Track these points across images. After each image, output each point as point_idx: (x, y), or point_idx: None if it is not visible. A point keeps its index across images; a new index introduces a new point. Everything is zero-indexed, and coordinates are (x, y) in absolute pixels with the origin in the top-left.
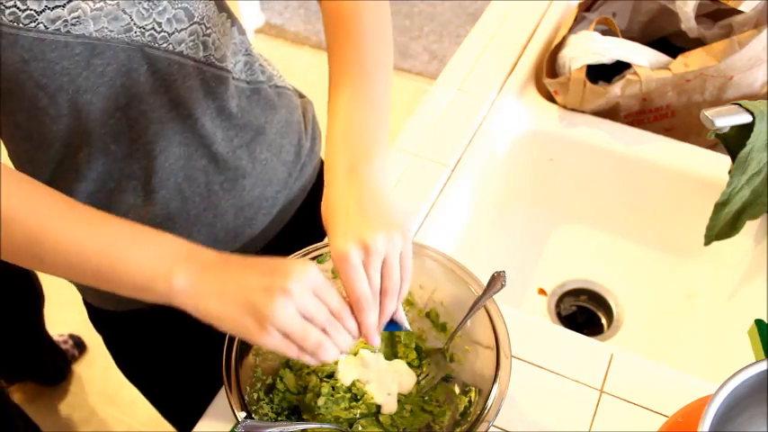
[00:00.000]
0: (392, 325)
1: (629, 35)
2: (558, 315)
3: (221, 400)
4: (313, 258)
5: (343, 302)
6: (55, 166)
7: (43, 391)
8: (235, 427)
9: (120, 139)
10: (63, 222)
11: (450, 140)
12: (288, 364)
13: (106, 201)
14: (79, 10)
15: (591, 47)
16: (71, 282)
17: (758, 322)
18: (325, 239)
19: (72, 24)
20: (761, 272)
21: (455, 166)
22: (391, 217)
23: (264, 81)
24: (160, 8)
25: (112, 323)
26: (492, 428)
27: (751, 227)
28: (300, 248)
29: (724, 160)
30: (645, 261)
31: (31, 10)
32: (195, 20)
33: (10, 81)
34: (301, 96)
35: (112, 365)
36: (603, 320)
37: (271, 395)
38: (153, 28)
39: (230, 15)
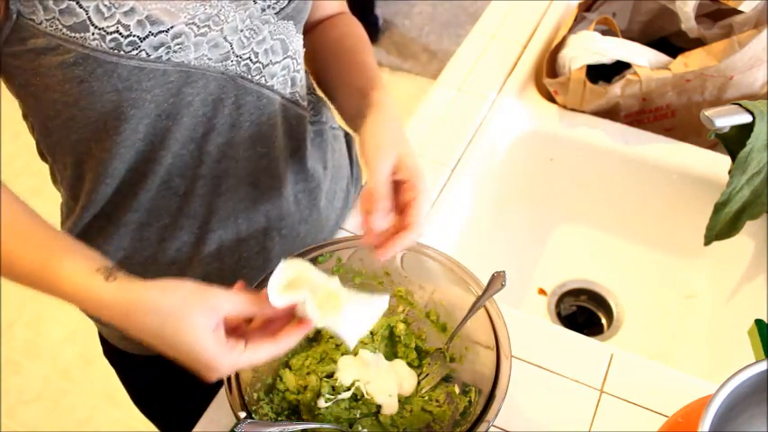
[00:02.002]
0: None
1: (629, 35)
2: (558, 315)
3: (221, 400)
4: (313, 259)
5: (254, 356)
6: (113, 194)
7: (43, 391)
8: (235, 427)
9: (185, 174)
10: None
11: (450, 140)
12: (288, 364)
13: (157, 235)
14: (182, 36)
15: (591, 47)
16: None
17: (758, 322)
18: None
19: (174, 51)
20: (761, 272)
21: (455, 166)
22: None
23: (326, 122)
24: (260, 37)
25: (128, 363)
26: (492, 428)
27: (751, 227)
28: None
29: (724, 160)
30: (645, 261)
31: (134, 36)
32: (289, 53)
33: (93, 111)
34: (346, 133)
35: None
36: (603, 320)
37: (271, 395)
38: (249, 58)
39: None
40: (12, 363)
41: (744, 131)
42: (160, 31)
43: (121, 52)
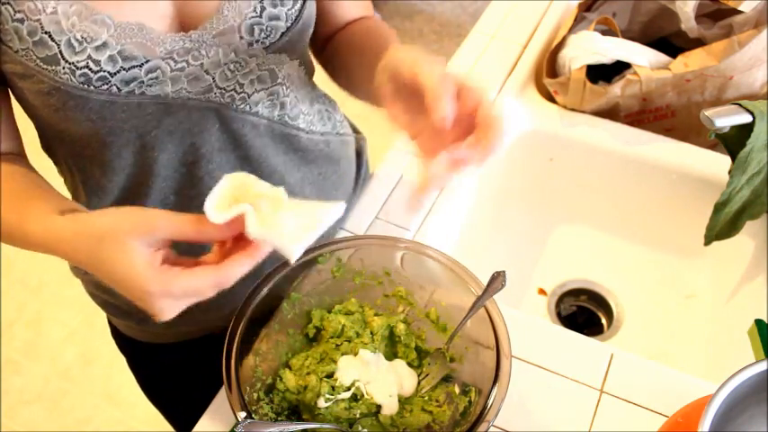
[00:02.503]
0: None
1: (629, 35)
2: (558, 315)
3: (221, 400)
4: (313, 259)
5: (196, 281)
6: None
7: (43, 391)
8: (235, 427)
9: (180, 193)
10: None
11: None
12: (288, 364)
13: None
14: (158, 70)
15: (591, 47)
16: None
17: (758, 322)
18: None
19: (148, 85)
20: (761, 272)
21: None
22: None
23: (333, 131)
24: (246, 70)
25: (137, 351)
26: (492, 428)
27: (751, 227)
28: None
29: (724, 160)
30: (645, 261)
31: (104, 72)
32: (278, 81)
33: (74, 136)
34: (357, 132)
35: (112, 365)
36: (603, 320)
37: (271, 395)
38: (233, 89)
39: (309, 65)
40: (12, 363)
41: (744, 131)
42: (132, 66)
43: (91, 87)
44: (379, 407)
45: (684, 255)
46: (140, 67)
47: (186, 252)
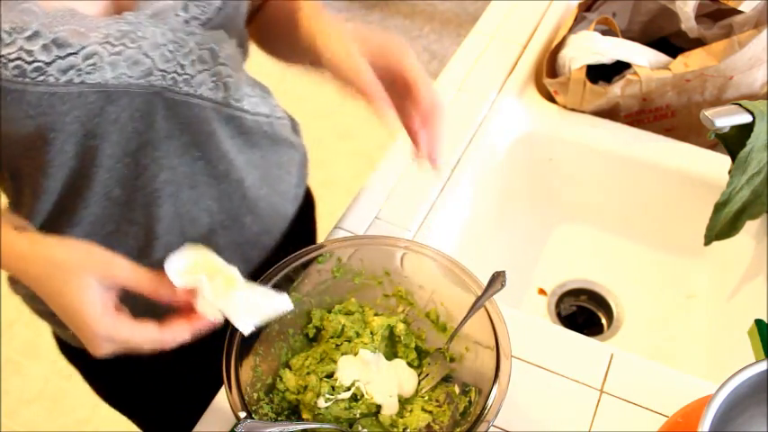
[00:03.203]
0: None
1: (629, 35)
2: (558, 315)
3: (221, 400)
4: (312, 259)
5: (141, 332)
6: (52, 209)
7: (43, 391)
8: (235, 427)
9: (125, 185)
10: None
11: (451, 140)
12: (288, 364)
13: (103, 243)
14: (95, 56)
15: (591, 47)
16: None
17: (758, 322)
18: (320, 242)
19: (86, 73)
20: (761, 272)
21: (455, 166)
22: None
23: (273, 114)
24: (185, 50)
25: (86, 359)
26: (492, 428)
27: (751, 227)
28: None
29: (724, 160)
30: (645, 261)
31: (39, 62)
32: (220, 60)
33: (13, 134)
34: (291, 118)
35: None
36: (603, 320)
37: (271, 395)
38: (175, 71)
39: (246, 48)
40: (12, 363)
41: (744, 131)
42: (69, 54)
43: (27, 79)
44: (379, 407)
45: (684, 255)
46: (76, 54)
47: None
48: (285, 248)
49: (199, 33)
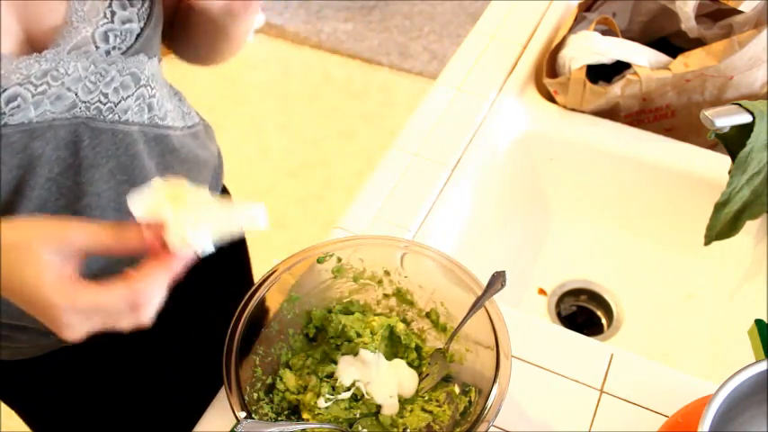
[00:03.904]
0: None
1: (629, 35)
2: (558, 315)
3: (221, 400)
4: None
5: (111, 295)
6: None
7: None
8: (235, 427)
9: (49, 208)
10: None
11: (451, 140)
12: (288, 364)
13: None
14: (18, 98)
15: (591, 47)
16: None
17: (758, 322)
18: (318, 243)
19: (10, 115)
20: (761, 272)
21: (455, 166)
22: None
23: (191, 123)
24: (107, 79)
25: (7, 375)
26: (492, 428)
27: (751, 227)
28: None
29: (724, 160)
30: (645, 261)
31: None
32: (141, 83)
33: None
34: (204, 122)
35: None
36: (603, 320)
37: (271, 395)
38: (99, 100)
39: (160, 58)
40: None
41: (744, 131)
42: None
43: None
44: (379, 407)
45: (684, 254)
46: None
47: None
48: (217, 266)
49: (120, 61)
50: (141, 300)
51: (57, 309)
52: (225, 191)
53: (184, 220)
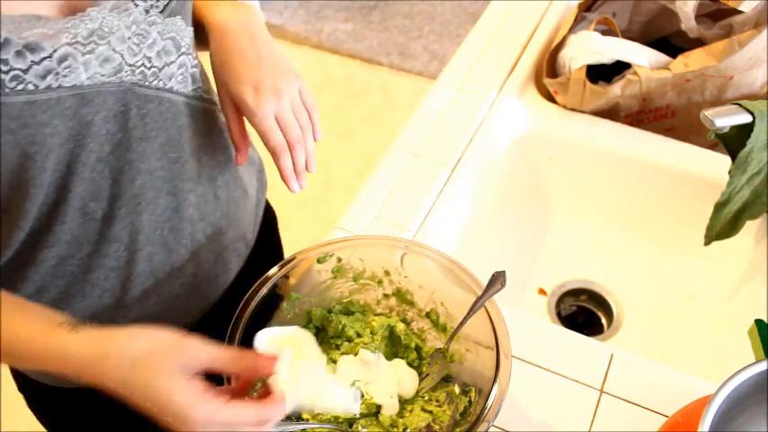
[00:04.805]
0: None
1: (629, 35)
2: (558, 315)
3: None
4: (313, 259)
5: (248, 415)
6: (26, 235)
7: None
8: None
9: (100, 197)
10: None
11: (451, 140)
12: None
13: (82, 266)
14: (69, 58)
15: (591, 47)
16: None
17: (758, 322)
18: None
19: (63, 76)
20: (761, 272)
21: (455, 166)
22: (287, 63)
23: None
24: (150, 41)
25: (52, 399)
26: (492, 428)
27: (751, 227)
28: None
29: (724, 160)
30: (645, 261)
31: (16, 69)
32: (182, 50)
33: None
34: None
35: None
36: (603, 320)
37: None
38: (143, 64)
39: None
40: None
41: (744, 131)
42: (43, 58)
43: (6, 89)
44: (379, 407)
45: (684, 255)
46: (50, 57)
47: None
48: (256, 258)
49: (160, 22)
50: (267, 424)
51: (195, 422)
52: (268, 212)
53: (294, 372)
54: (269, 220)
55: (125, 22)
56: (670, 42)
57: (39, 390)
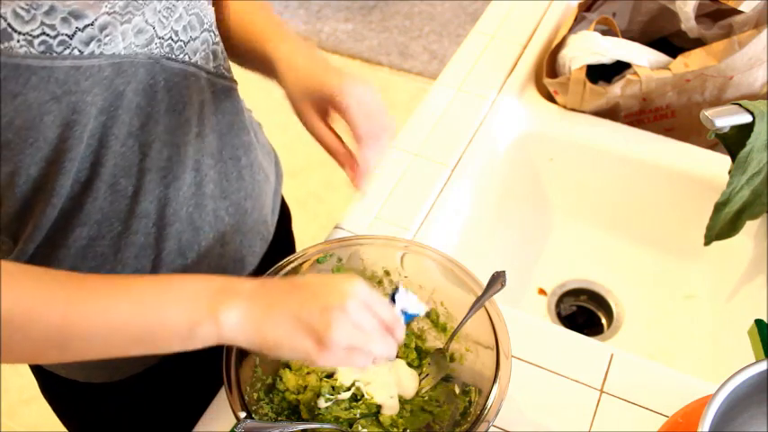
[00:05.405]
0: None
1: (629, 35)
2: (558, 315)
3: (221, 400)
4: (313, 259)
5: (393, 313)
6: (58, 213)
7: None
8: (235, 427)
9: (130, 172)
10: (85, 304)
11: (451, 140)
12: (288, 364)
13: (112, 246)
14: (109, 26)
15: (591, 47)
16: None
17: (758, 322)
18: (318, 243)
19: (105, 44)
20: (761, 272)
21: (455, 166)
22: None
23: (242, 100)
24: (177, 15)
25: (76, 395)
26: (492, 428)
27: (751, 227)
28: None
29: (724, 160)
30: (645, 261)
31: (62, 35)
32: (205, 26)
33: (31, 130)
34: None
35: None
36: (603, 320)
37: (271, 395)
38: (171, 37)
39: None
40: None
41: (744, 131)
42: (86, 26)
43: (54, 53)
44: (379, 407)
45: (684, 255)
46: (92, 25)
47: None
48: (274, 250)
49: None
50: (396, 328)
51: (358, 289)
52: (284, 207)
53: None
54: (285, 213)
55: None
56: (670, 42)
57: (64, 387)
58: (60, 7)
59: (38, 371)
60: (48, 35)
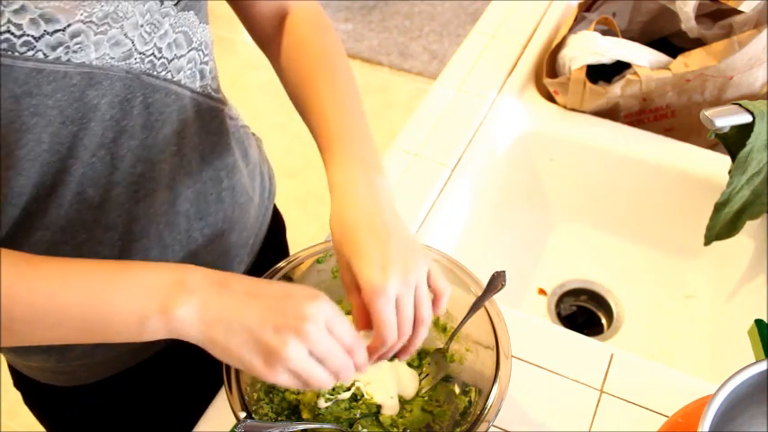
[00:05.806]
0: None
1: (629, 35)
2: (558, 315)
3: (221, 400)
4: (313, 259)
5: (355, 335)
6: (19, 214)
7: None
8: (235, 427)
9: (98, 183)
10: (31, 282)
11: (450, 140)
12: None
13: (74, 253)
14: (81, 35)
15: (591, 47)
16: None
17: (758, 322)
18: (318, 243)
19: (74, 51)
20: (761, 272)
21: (455, 166)
22: (415, 241)
23: (235, 117)
24: (161, 32)
25: (58, 399)
26: (492, 428)
27: (751, 227)
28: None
29: (724, 160)
30: (645, 261)
31: (28, 36)
32: (193, 45)
33: None
34: (252, 132)
35: None
36: (603, 320)
37: (271, 395)
38: (153, 54)
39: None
40: None
41: (744, 131)
42: (56, 30)
43: (16, 53)
44: (379, 407)
45: (684, 255)
46: (63, 31)
47: None
48: (261, 266)
49: (173, 14)
50: (346, 373)
51: (321, 303)
52: (276, 215)
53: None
54: (277, 227)
55: (140, 10)
56: (670, 42)
57: (36, 389)
58: (32, 8)
59: (18, 382)
60: (12, 33)
